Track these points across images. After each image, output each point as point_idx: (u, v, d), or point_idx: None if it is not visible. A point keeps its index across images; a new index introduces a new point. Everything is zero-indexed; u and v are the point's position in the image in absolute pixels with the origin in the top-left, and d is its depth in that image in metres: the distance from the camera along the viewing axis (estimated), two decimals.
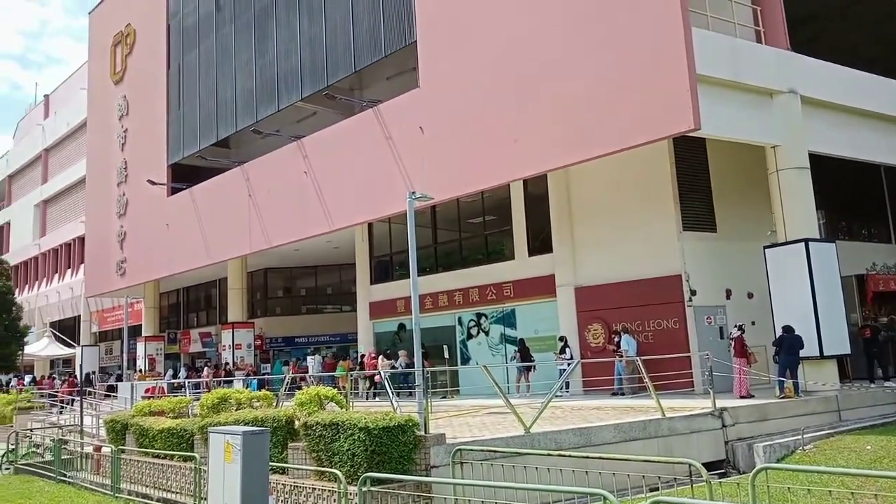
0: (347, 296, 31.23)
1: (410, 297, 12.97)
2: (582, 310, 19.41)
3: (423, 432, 10.43)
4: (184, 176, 30.22)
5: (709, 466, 10.47)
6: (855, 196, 22.78)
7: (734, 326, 16.23)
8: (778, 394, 15.16)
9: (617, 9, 15.39)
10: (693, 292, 17.40)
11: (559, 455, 9.83)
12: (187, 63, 30.30)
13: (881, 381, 18.01)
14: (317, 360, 27.32)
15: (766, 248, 16.37)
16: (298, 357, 30.33)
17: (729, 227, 18.38)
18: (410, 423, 10.32)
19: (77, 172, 45.22)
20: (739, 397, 15.07)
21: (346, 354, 28.58)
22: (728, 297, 18.04)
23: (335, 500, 9.72)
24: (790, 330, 15.26)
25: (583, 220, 19.57)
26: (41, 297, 51.07)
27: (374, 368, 22.07)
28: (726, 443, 13.12)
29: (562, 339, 19.18)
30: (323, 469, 10.53)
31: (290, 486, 10.90)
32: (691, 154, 18.15)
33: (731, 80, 15.32)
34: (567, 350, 18.76)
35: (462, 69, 18.71)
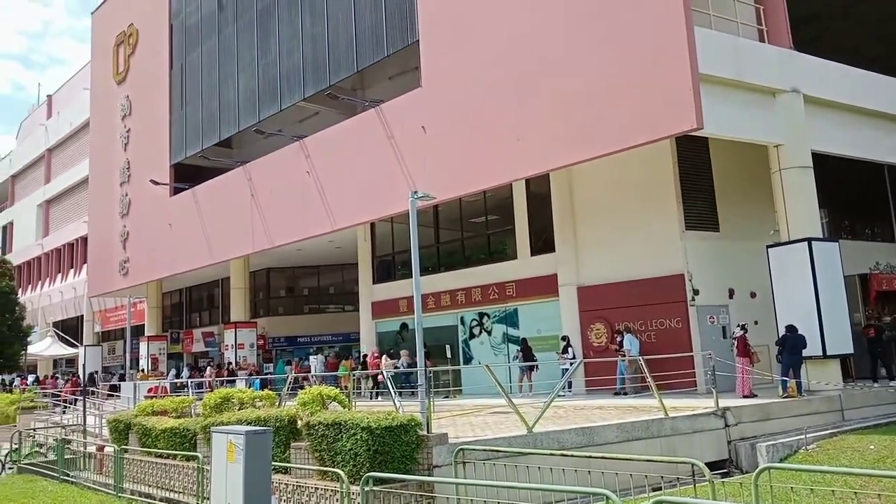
0: (350, 295, 31.23)
1: (413, 297, 12.98)
2: (584, 309, 19.40)
3: (425, 432, 10.42)
4: (186, 176, 30.26)
5: (712, 466, 10.45)
6: (858, 195, 22.75)
7: (737, 326, 16.21)
8: (781, 393, 15.14)
9: (619, 7, 15.37)
10: (696, 292, 17.38)
11: (562, 455, 9.83)
12: (190, 63, 30.33)
13: (885, 381, 17.98)
14: (319, 359, 27.32)
15: (768, 247, 16.35)
16: (301, 357, 30.32)
17: (732, 227, 18.36)
18: (413, 423, 10.31)
19: (80, 172, 45.29)
20: (742, 397, 15.05)
21: (348, 354, 28.59)
22: (731, 297, 18.02)
23: (338, 499, 9.73)
24: (793, 329, 15.24)
25: (585, 219, 19.56)
26: (44, 297, 51.14)
27: (377, 368, 22.08)
28: (729, 442, 13.11)
29: (564, 338, 19.20)
30: (325, 469, 10.53)
31: (293, 485, 10.90)
32: (694, 153, 18.14)
33: (734, 79, 15.30)
34: (569, 350, 18.77)
35: (464, 68, 18.70)
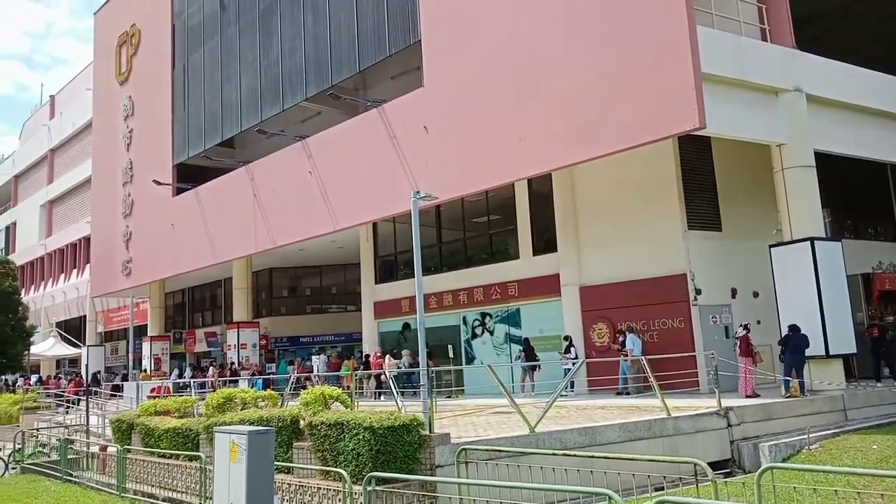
0: (352, 295, 31.25)
1: (415, 297, 12.99)
2: (587, 309, 19.39)
3: (427, 432, 10.42)
4: (189, 176, 30.29)
5: (714, 466, 10.45)
6: (861, 194, 22.70)
7: (739, 325, 16.19)
8: (783, 393, 15.13)
9: (621, 6, 15.35)
10: (698, 291, 17.36)
11: (564, 455, 9.81)
12: (192, 63, 30.36)
13: (888, 381, 17.92)
14: (322, 359, 27.34)
15: (771, 246, 16.32)
16: (303, 357, 30.36)
17: (734, 226, 18.33)
18: (415, 423, 10.32)
19: (83, 173, 45.35)
20: (745, 397, 15.03)
21: (350, 354, 28.61)
22: (733, 297, 17.99)
23: (340, 499, 9.73)
24: (796, 329, 15.22)
25: (587, 219, 19.54)
26: (47, 298, 51.23)
27: (380, 368, 22.08)
28: (732, 442, 13.09)
29: (566, 338, 19.19)
30: (328, 469, 10.54)
31: (296, 485, 10.91)
32: (696, 153, 18.11)
33: (737, 78, 15.27)
34: (572, 349, 18.76)
35: (466, 68, 18.70)
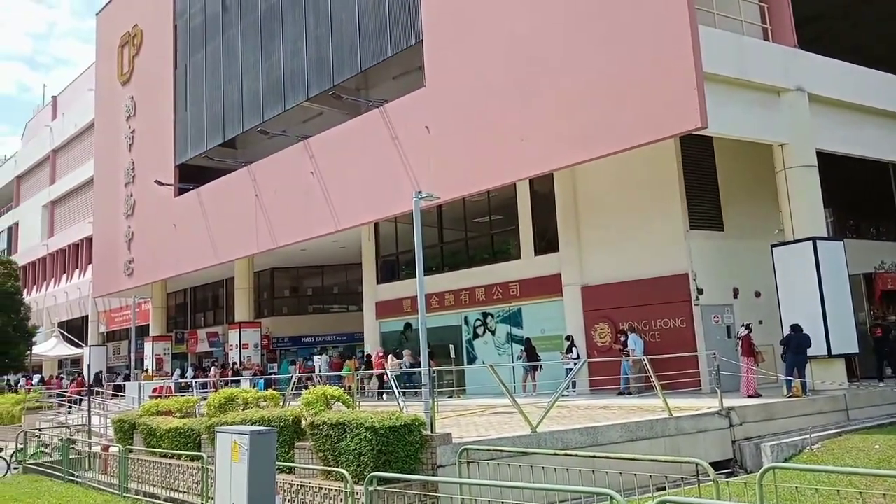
0: (354, 295, 31.25)
1: (417, 297, 12.96)
2: (588, 309, 19.38)
3: (429, 432, 10.42)
4: (191, 176, 30.31)
5: (716, 466, 10.42)
6: (863, 194, 22.68)
7: (741, 325, 16.17)
8: (786, 393, 15.11)
9: (623, 6, 15.35)
10: (700, 291, 17.34)
11: (566, 455, 9.81)
12: (194, 63, 30.38)
13: (890, 380, 17.89)
14: (323, 359, 27.36)
15: (773, 246, 16.31)
16: (305, 357, 30.38)
17: (736, 226, 18.32)
18: (417, 423, 10.31)
19: (85, 173, 45.41)
20: (747, 396, 15.02)
21: (352, 354, 28.62)
22: (735, 296, 17.98)
23: (342, 499, 9.73)
24: (798, 329, 15.20)
25: (589, 219, 19.53)
26: (49, 298, 51.28)
27: (382, 368, 22.08)
28: (733, 442, 13.08)
29: (568, 338, 19.18)
30: (330, 469, 10.54)
31: (297, 485, 10.91)
32: (698, 152, 18.10)
33: (738, 77, 15.26)
34: (573, 349, 18.75)
35: (468, 68, 18.70)
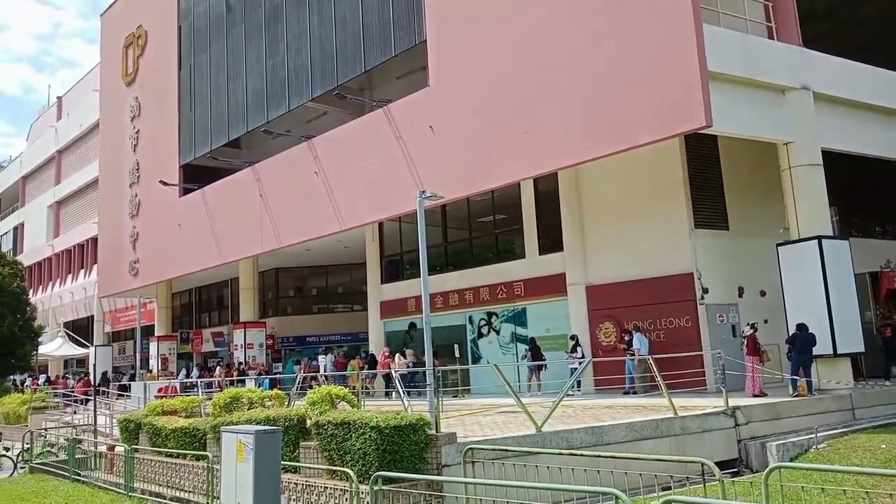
0: (358, 295, 31.27)
1: (421, 297, 12.97)
2: (593, 308, 19.35)
3: (434, 431, 10.43)
4: (195, 176, 30.36)
5: (721, 465, 10.41)
6: (868, 193, 22.59)
7: (747, 324, 16.13)
8: (791, 392, 15.06)
9: (628, 4, 15.33)
10: (705, 290, 17.30)
11: (571, 454, 9.81)
12: (198, 64, 30.43)
13: None
14: (328, 359, 27.38)
15: (778, 245, 16.27)
16: (310, 356, 30.40)
17: (741, 225, 18.27)
18: (421, 423, 10.32)
19: (90, 174, 45.50)
20: (752, 396, 14.98)
21: (356, 354, 28.63)
22: (740, 295, 17.93)
23: (347, 499, 9.75)
24: (804, 328, 15.16)
25: (593, 218, 19.50)
26: (55, 298, 51.41)
27: (388, 367, 22.08)
28: (739, 442, 13.05)
29: (573, 337, 19.15)
30: (335, 468, 10.55)
31: (302, 484, 10.93)
32: (703, 151, 18.06)
33: (743, 76, 15.22)
34: (578, 349, 18.73)
35: (471, 67, 18.69)
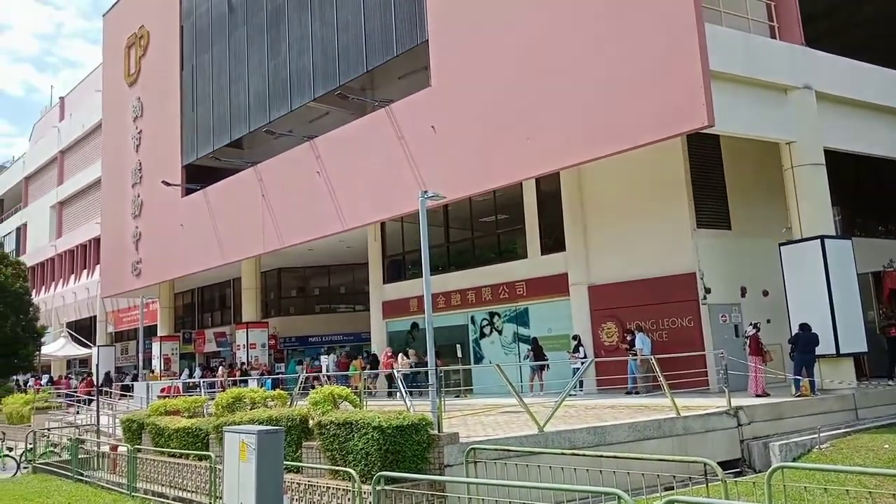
0: (360, 295, 31.28)
1: (423, 297, 12.98)
2: (595, 308, 19.34)
3: (436, 431, 10.42)
4: (198, 177, 30.40)
5: (724, 465, 10.40)
6: (871, 192, 22.56)
7: (749, 324, 16.12)
8: (794, 392, 15.05)
9: (630, 5, 15.32)
10: (707, 290, 17.29)
11: (573, 454, 9.81)
12: (201, 64, 30.46)
13: None
14: (331, 359, 27.39)
15: (781, 245, 16.25)
16: (312, 356, 30.41)
17: (743, 225, 18.26)
18: (424, 423, 10.31)
19: (92, 174, 45.58)
20: (755, 396, 14.97)
21: (359, 354, 28.63)
22: (743, 295, 17.92)
23: (349, 498, 9.75)
24: (806, 328, 15.14)
25: (596, 218, 19.50)
26: (58, 298, 51.49)
27: (391, 367, 22.09)
28: (742, 441, 13.03)
29: (575, 337, 19.15)
30: (337, 468, 10.55)
31: (305, 484, 10.94)
32: (705, 151, 18.05)
33: (746, 76, 15.22)
34: (581, 349, 18.73)
35: (473, 67, 18.69)
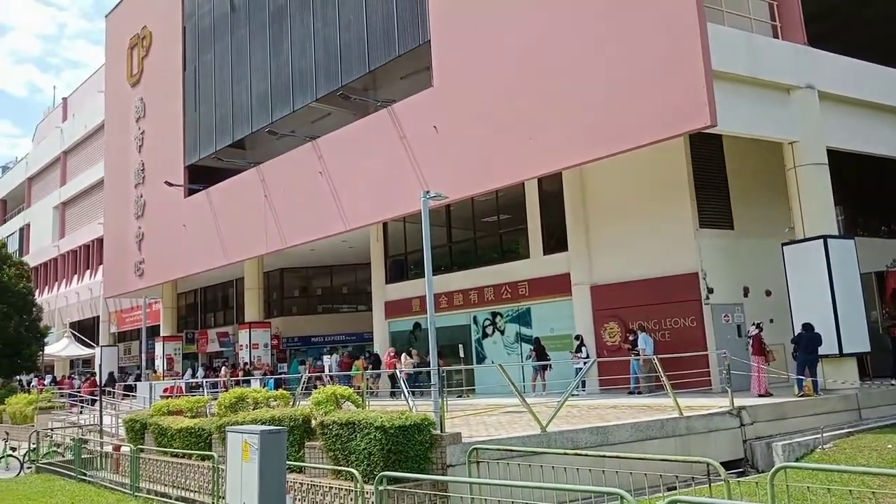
0: (363, 295, 31.30)
1: (425, 297, 12.99)
2: (598, 308, 19.33)
3: (439, 431, 10.42)
4: (200, 177, 30.43)
5: (727, 465, 10.39)
6: (874, 192, 22.52)
7: (752, 324, 16.11)
8: (797, 392, 15.04)
9: (632, 5, 15.31)
10: (710, 290, 17.28)
11: (576, 454, 9.79)
12: (203, 64, 30.50)
13: None
14: (333, 359, 27.41)
15: (783, 245, 16.23)
16: (315, 356, 30.44)
17: (746, 225, 18.24)
18: (426, 423, 10.32)
19: (95, 174, 45.61)
20: (758, 396, 14.96)
21: (361, 354, 28.65)
22: (745, 295, 17.90)
23: (352, 498, 9.75)
24: (809, 328, 15.13)
25: (598, 217, 19.48)
26: (61, 298, 51.58)
27: (393, 367, 22.09)
28: (744, 442, 13.02)
29: (578, 337, 19.15)
30: (340, 468, 10.56)
31: (308, 484, 10.94)
32: (708, 151, 18.03)
33: (748, 75, 15.20)
34: (583, 349, 18.72)
35: (476, 68, 18.69)
